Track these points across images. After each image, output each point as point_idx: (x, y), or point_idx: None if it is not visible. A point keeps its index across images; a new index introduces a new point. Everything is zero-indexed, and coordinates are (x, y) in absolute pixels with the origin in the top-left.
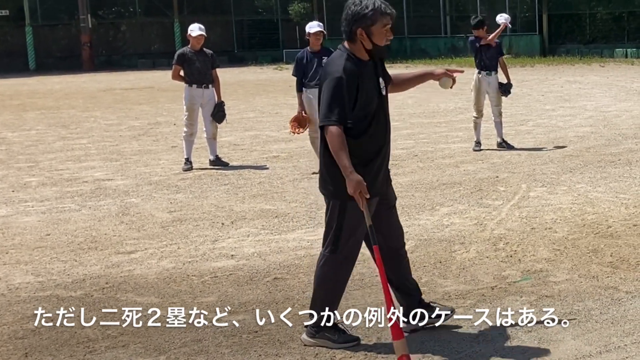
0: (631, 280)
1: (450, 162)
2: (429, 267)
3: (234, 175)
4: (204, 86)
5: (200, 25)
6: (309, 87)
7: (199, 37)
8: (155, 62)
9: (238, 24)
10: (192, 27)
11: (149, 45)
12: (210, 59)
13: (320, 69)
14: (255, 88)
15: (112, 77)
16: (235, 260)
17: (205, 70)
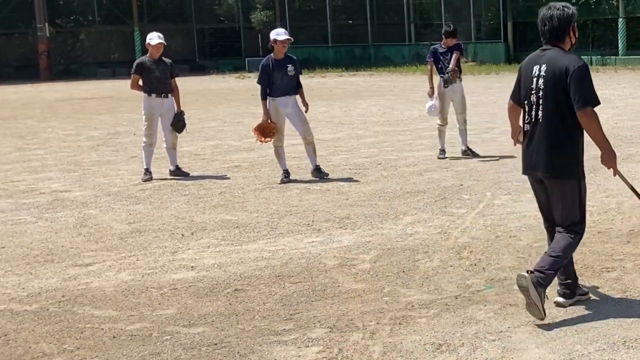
0: (595, 288)
1: (415, 170)
2: (392, 276)
3: (194, 185)
4: (163, 95)
5: (159, 34)
6: (275, 96)
7: (158, 46)
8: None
9: (199, 33)
10: (151, 36)
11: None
12: (170, 67)
13: (286, 77)
14: (217, 97)
15: (70, 86)
16: (195, 271)
17: (164, 79)
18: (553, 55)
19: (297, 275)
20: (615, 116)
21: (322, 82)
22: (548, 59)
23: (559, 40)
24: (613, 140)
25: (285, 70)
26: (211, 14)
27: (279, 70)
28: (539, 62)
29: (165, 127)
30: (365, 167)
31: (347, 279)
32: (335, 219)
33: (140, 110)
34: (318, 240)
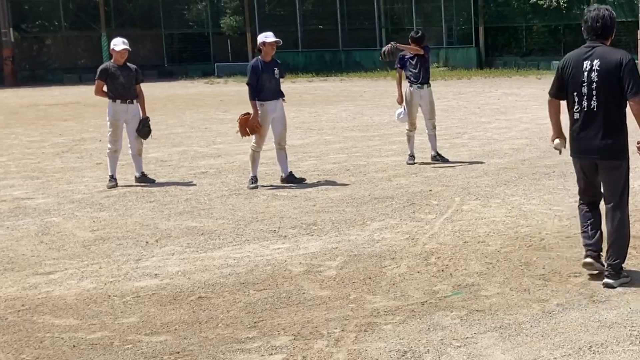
0: (562, 293)
1: (383, 176)
2: (358, 283)
3: (160, 192)
4: (128, 101)
5: (124, 39)
6: (265, 100)
7: (122, 52)
8: (81, 76)
9: (168, 38)
10: (115, 41)
11: (75, 60)
12: (135, 73)
13: (274, 80)
14: (185, 103)
15: (35, 92)
16: (159, 279)
17: (129, 85)
18: (603, 50)
19: (262, 282)
20: None
21: (292, 87)
22: (600, 54)
23: (606, 38)
24: None
25: (272, 73)
26: (180, 19)
27: (267, 73)
28: (588, 57)
29: (130, 134)
30: (333, 172)
31: (313, 285)
32: (302, 225)
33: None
34: (284, 246)
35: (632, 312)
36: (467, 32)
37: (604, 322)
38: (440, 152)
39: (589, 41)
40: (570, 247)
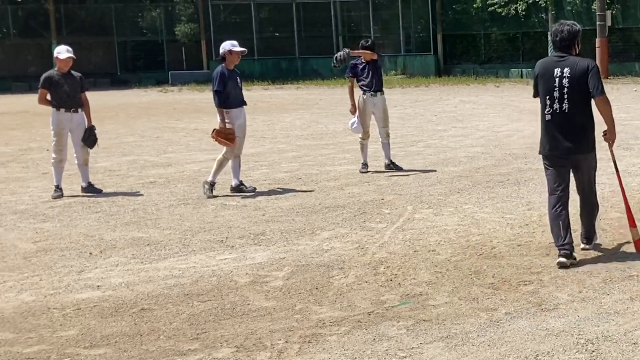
0: (511, 301)
1: (335, 184)
2: (305, 293)
3: (106, 202)
4: (72, 110)
5: (68, 47)
6: (231, 108)
7: (67, 60)
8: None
9: (121, 45)
10: (59, 49)
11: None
12: (80, 81)
13: (238, 89)
14: (138, 111)
15: None
16: (101, 291)
17: (74, 93)
18: (573, 60)
19: (207, 293)
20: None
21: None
22: (570, 63)
23: (570, 48)
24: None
25: (236, 81)
26: (133, 26)
27: (232, 81)
28: (559, 65)
29: (76, 143)
30: (284, 181)
31: (258, 296)
32: (250, 235)
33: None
34: (231, 257)
35: (580, 320)
36: (425, 40)
37: (551, 331)
38: (394, 160)
39: (557, 52)
40: (521, 255)
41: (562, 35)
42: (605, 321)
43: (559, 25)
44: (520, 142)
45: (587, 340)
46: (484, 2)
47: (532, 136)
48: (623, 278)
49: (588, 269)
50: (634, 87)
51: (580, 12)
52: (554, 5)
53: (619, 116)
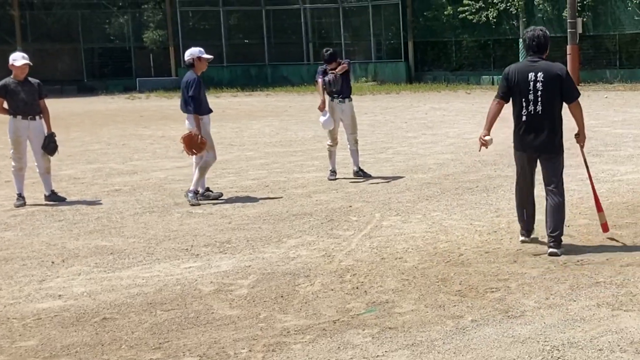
0: (477, 308)
1: (303, 192)
2: (270, 302)
3: (70, 210)
4: (30, 118)
5: (24, 54)
6: (203, 114)
7: (23, 67)
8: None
9: (88, 52)
10: (14, 56)
11: None
12: (37, 88)
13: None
14: (104, 119)
15: None
16: (63, 300)
17: (31, 101)
18: (546, 64)
19: (170, 302)
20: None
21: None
22: (544, 67)
23: (542, 53)
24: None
25: (204, 87)
26: (100, 33)
27: (202, 87)
28: (532, 70)
29: (36, 151)
30: (252, 189)
31: (223, 305)
32: (215, 243)
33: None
34: (196, 265)
35: (546, 326)
36: (396, 47)
37: (517, 338)
38: (362, 167)
39: (530, 56)
40: (488, 262)
41: (540, 40)
42: (572, 328)
43: (532, 30)
44: (490, 149)
45: (553, 347)
46: (455, 9)
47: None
48: (590, 285)
49: (555, 276)
50: (605, 93)
51: (552, 19)
52: (525, 13)
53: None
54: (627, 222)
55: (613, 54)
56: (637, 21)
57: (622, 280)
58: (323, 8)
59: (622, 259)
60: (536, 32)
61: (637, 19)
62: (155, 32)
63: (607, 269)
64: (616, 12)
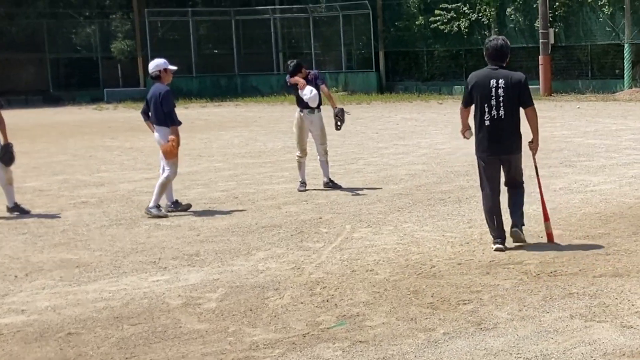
0: (450, 321)
1: (273, 203)
2: (238, 315)
3: (34, 223)
4: None
5: None
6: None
7: None
8: None
9: (54, 63)
10: None
11: None
12: None
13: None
14: (71, 130)
15: None
16: (26, 315)
17: None
18: (506, 72)
19: (138, 316)
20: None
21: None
22: (504, 75)
23: (503, 61)
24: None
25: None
26: (67, 43)
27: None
28: (494, 76)
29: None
30: (221, 201)
31: (191, 319)
32: (183, 256)
33: None
34: (163, 278)
35: (519, 339)
36: (367, 57)
37: (490, 350)
38: (333, 178)
39: (491, 64)
40: (461, 274)
41: (503, 50)
42: (545, 340)
43: (494, 39)
44: (462, 159)
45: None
46: (426, 19)
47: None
48: (563, 296)
49: (528, 287)
50: (577, 104)
51: (523, 29)
52: (496, 23)
53: (562, 133)
54: (600, 232)
55: (585, 65)
56: (609, 32)
57: (595, 291)
58: (293, 18)
59: (595, 269)
60: (498, 42)
61: (609, 30)
62: (123, 42)
63: (580, 279)
64: (588, 23)
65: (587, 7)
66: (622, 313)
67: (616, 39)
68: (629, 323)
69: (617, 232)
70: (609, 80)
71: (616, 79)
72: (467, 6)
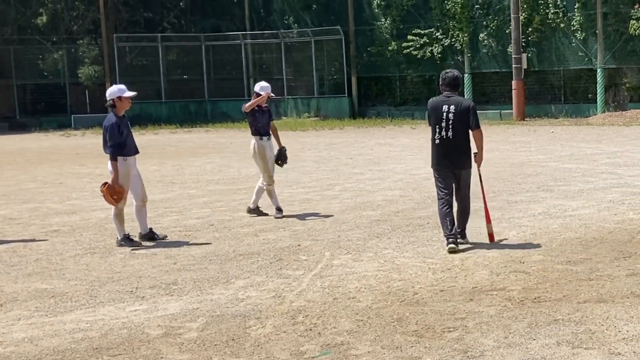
0: (436, 349)
1: (249, 231)
2: (221, 345)
3: (6, 252)
4: None
5: None
6: (128, 155)
7: None
8: None
9: (20, 88)
10: None
11: None
12: None
13: (131, 134)
14: (38, 156)
15: None
16: (2, 347)
17: None
18: (458, 99)
19: (117, 347)
20: None
21: (154, 139)
22: (455, 101)
23: (456, 89)
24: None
25: (128, 127)
26: (34, 68)
27: (125, 128)
28: (447, 103)
29: None
30: (196, 228)
31: (172, 349)
32: (161, 285)
33: None
34: (142, 308)
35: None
36: (339, 82)
37: None
38: (280, 205)
39: (445, 92)
40: (444, 301)
41: (457, 80)
42: None
43: (450, 71)
44: None
45: None
46: (399, 45)
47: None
48: (548, 322)
49: (513, 314)
50: (550, 128)
51: (496, 54)
52: (469, 48)
53: (537, 158)
54: (581, 257)
55: (558, 89)
56: (581, 57)
57: (580, 317)
58: (264, 43)
59: (580, 295)
60: (454, 73)
61: (582, 55)
62: (91, 67)
63: (564, 305)
64: (560, 48)
65: (560, 33)
66: (609, 340)
67: (589, 64)
68: (616, 350)
69: (598, 257)
70: (582, 104)
71: (589, 103)
72: (440, 32)
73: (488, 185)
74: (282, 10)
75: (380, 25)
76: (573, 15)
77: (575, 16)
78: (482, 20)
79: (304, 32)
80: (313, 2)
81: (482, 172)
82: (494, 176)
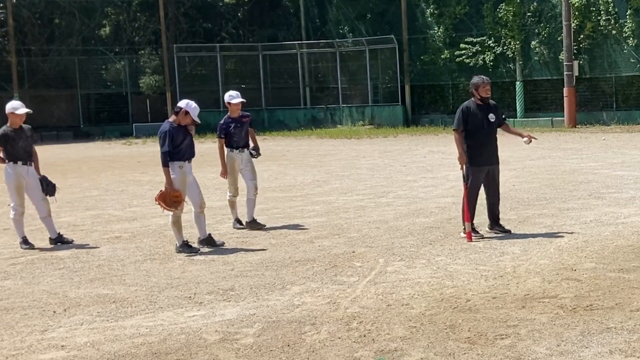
0: (488, 356)
1: (305, 237)
2: (276, 351)
3: (70, 258)
4: (28, 163)
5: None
6: (185, 159)
7: (23, 116)
8: None
9: (84, 98)
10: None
11: None
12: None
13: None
14: (101, 164)
15: None
16: (66, 351)
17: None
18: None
19: (176, 352)
20: (512, 178)
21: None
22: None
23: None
24: (510, 202)
25: (181, 134)
26: (97, 79)
27: (178, 134)
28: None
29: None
30: (253, 235)
31: (229, 355)
32: (218, 291)
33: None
34: (199, 314)
35: None
36: (393, 90)
37: None
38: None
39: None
40: (497, 308)
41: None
42: None
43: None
44: None
45: None
46: (452, 53)
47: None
48: (601, 330)
49: (565, 322)
50: (602, 135)
51: (548, 62)
52: (521, 56)
53: (589, 165)
54: (634, 265)
55: (609, 96)
56: (633, 63)
57: (633, 325)
58: (320, 53)
59: (632, 303)
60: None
61: (634, 62)
62: (151, 77)
63: (617, 313)
64: (612, 55)
65: (612, 39)
66: None
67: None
68: None
69: None
70: (634, 111)
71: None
72: (492, 40)
73: (540, 193)
74: (337, 20)
75: (433, 34)
76: (625, 22)
77: (627, 23)
78: (534, 28)
79: (358, 41)
80: (367, 11)
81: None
82: (545, 183)
